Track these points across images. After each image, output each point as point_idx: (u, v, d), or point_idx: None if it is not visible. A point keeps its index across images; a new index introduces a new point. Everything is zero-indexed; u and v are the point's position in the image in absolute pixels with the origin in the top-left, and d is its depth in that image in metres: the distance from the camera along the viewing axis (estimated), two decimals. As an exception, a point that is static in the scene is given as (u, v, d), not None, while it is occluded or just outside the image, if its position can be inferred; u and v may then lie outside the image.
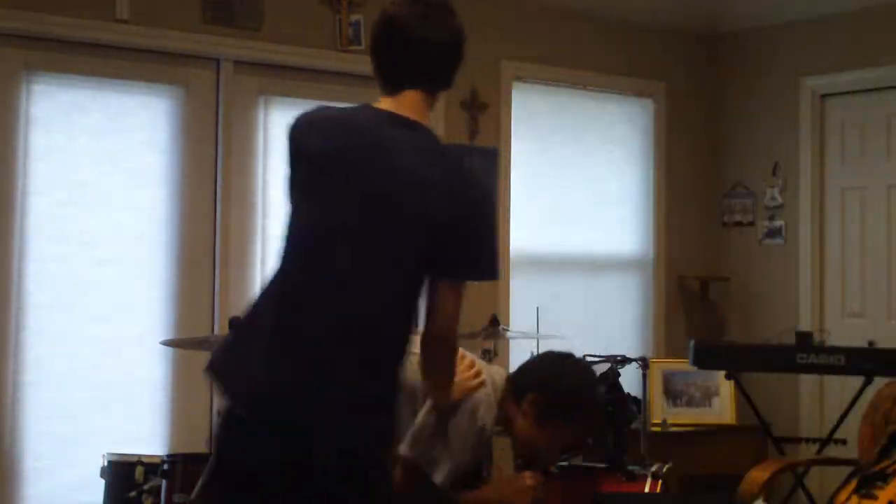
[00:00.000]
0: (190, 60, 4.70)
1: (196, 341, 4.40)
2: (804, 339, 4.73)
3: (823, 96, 5.72)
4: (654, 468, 4.11)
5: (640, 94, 5.97)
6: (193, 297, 4.64)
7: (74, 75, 4.45)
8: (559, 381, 2.73)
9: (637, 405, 4.56)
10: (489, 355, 4.01)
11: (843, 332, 5.26)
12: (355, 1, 4.97)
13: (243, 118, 4.81)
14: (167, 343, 4.16)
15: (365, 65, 5.10)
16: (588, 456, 4.31)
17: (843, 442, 4.63)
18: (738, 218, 6.03)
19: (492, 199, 2.40)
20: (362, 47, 5.01)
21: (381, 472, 2.15)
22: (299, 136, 2.25)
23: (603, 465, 4.24)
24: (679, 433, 5.20)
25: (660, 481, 4.05)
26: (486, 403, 2.60)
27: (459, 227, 2.13)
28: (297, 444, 2.05)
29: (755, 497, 3.87)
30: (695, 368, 4.99)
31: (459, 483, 2.70)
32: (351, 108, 2.28)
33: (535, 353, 2.92)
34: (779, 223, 5.85)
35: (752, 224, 5.96)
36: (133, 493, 3.67)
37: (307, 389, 2.06)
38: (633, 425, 4.46)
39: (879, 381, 4.32)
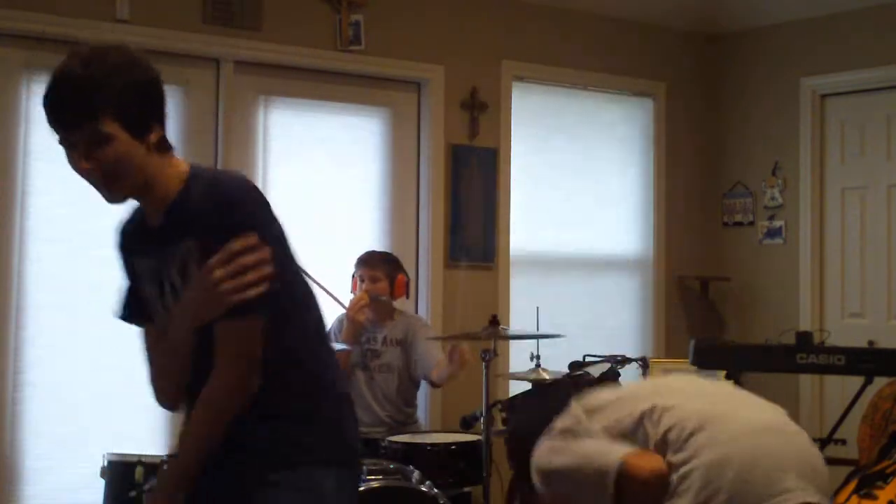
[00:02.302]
0: (190, 60, 4.70)
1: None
2: (804, 339, 4.73)
3: (823, 96, 5.72)
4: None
5: (640, 94, 5.97)
6: (193, 297, 4.64)
7: (74, 75, 4.44)
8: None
9: (637, 405, 4.56)
10: (489, 355, 4.01)
11: (843, 332, 5.26)
12: (355, 1, 4.98)
13: (243, 118, 4.81)
14: (167, 343, 4.16)
15: (365, 65, 5.16)
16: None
17: (843, 442, 4.63)
18: (738, 218, 6.03)
19: None
20: (362, 47, 5.02)
21: None
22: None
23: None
24: (679, 433, 5.18)
25: (660, 481, 4.04)
26: None
27: None
28: None
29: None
30: (695, 368, 4.99)
31: None
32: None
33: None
34: (779, 223, 5.85)
35: (752, 224, 5.96)
36: (133, 493, 3.67)
37: None
38: (633, 425, 4.45)
39: (879, 381, 4.32)
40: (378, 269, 4.49)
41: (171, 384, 2.19)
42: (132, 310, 2.30)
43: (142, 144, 2.04)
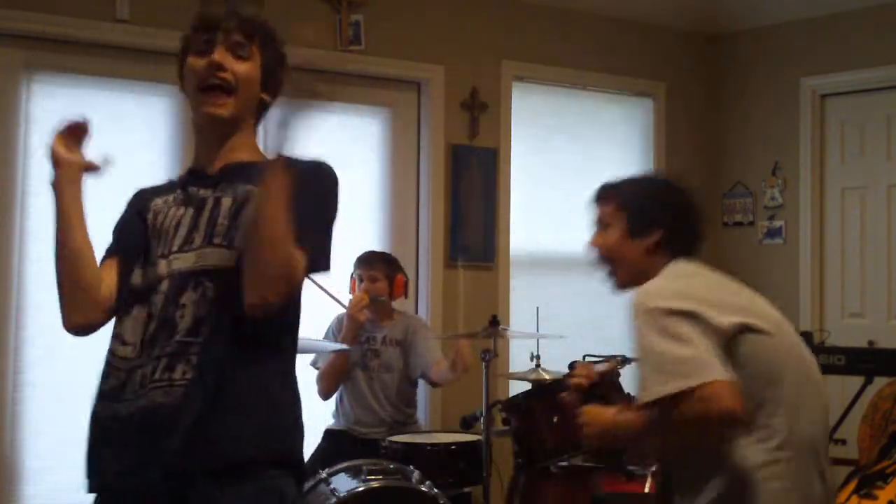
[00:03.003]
0: (190, 60, 4.70)
1: (196, 341, 4.40)
2: (804, 339, 4.73)
3: (823, 96, 5.72)
4: (654, 468, 4.11)
5: (640, 94, 5.97)
6: (193, 297, 4.64)
7: (74, 75, 4.45)
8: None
9: (637, 405, 4.56)
10: (489, 355, 4.01)
11: (843, 332, 5.26)
12: (355, 1, 4.98)
13: (243, 118, 4.80)
14: (167, 343, 4.16)
15: (365, 65, 5.16)
16: (588, 456, 4.31)
17: (843, 442, 4.63)
18: (738, 218, 6.03)
19: None
20: (362, 47, 5.02)
21: None
22: None
23: (603, 466, 4.24)
24: (679, 433, 5.18)
25: (660, 481, 4.05)
26: None
27: None
28: None
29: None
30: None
31: None
32: None
33: None
34: (779, 223, 5.85)
35: (752, 224, 5.96)
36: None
37: None
38: (633, 425, 4.45)
39: (879, 381, 4.32)
40: (377, 269, 4.50)
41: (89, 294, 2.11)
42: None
43: (259, 94, 2.24)
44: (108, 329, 2.69)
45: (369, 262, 4.53)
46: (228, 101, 2.16)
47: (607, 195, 2.55)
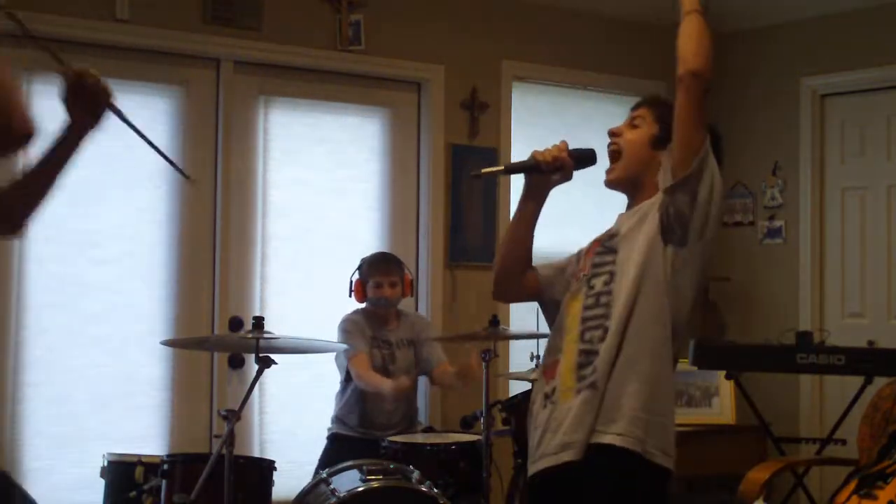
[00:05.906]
0: (190, 60, 4.70)
1: (196, 341, 4.40)
2: (804, 339, 4.73)
3: (823, 96, 5.72)
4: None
5: (639, 94, 5.95)
6: (193, 297, 4.65)
7: (74, 75, 4.45)
8: None
9: (637, 405, 4.56)
10: (489, 355, 4.01)
11: (843, 332, 5.26)
12: (355, 1, 4.98)
13: (243, 118, 4.81)
14: (167, 343, 4.16)
15: (365, 65, 5.16)
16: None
17: (843, 442, 4.63)
18: (738, 218, 6.02)
19: None
20: (362, 47, 5.02)
21: None
22: None
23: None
24: (679, 433, 5.13)
25: (660, 481, 4.04)
26: None
27: None
28: None
29: (755, 497, 3.88)
30: (695, 368, 4.99)
31: None
32: None
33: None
34: (779, 223, 5.85)
35: (752, 224, 5.96)
36: (133, 493, 3.67)
37: None
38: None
39: (879, 381, 4.32)
40: (394, 273, 4.50)
41: None
42: None
43: None
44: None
45: (388, 269, 4.50)
46: None
47: (652, 105, 2.73)
